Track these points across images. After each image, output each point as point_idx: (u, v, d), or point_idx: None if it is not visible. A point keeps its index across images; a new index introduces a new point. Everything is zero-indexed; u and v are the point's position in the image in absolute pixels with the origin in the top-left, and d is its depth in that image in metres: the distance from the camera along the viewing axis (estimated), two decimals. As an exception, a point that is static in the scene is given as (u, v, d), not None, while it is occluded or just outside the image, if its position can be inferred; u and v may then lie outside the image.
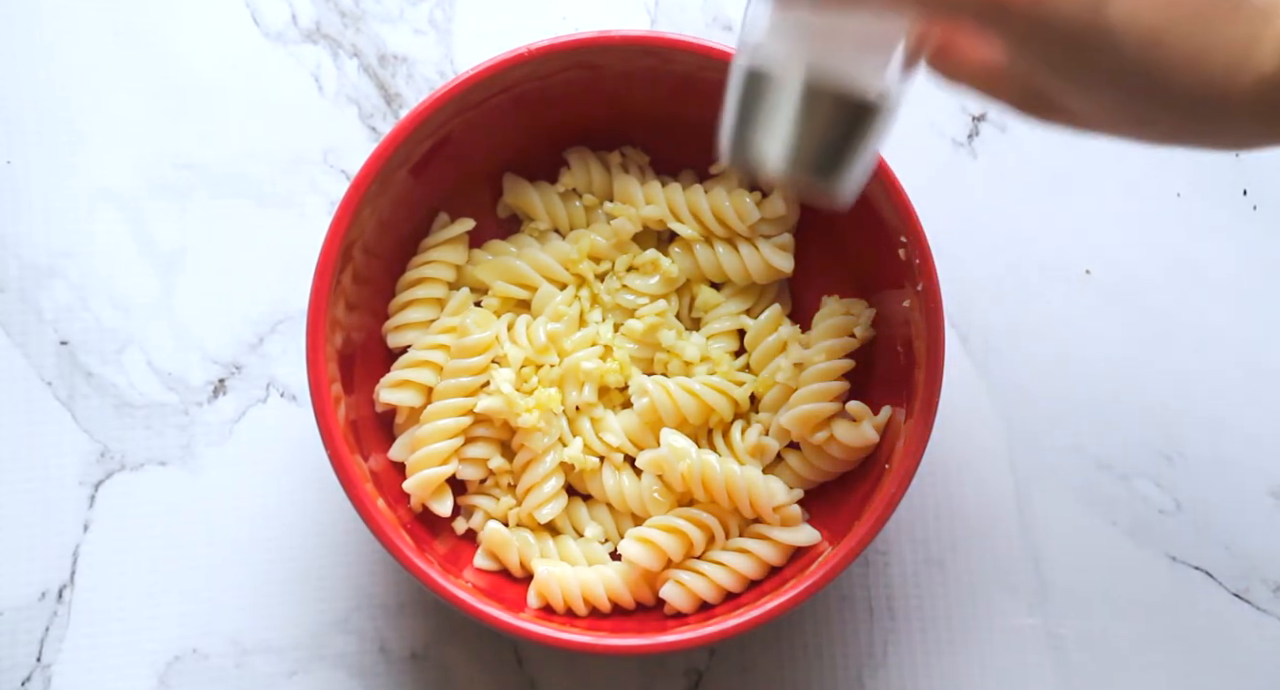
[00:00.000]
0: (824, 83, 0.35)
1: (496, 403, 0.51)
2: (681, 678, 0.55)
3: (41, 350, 0.57)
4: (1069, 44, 0.29)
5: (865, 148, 0.36)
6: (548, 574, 0.51)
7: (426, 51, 0.59)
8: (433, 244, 0.54)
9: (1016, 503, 0.56)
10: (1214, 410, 0.57)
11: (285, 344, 0.57)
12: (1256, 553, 0.56)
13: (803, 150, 0.36)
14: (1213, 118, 0.30)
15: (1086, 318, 0.57)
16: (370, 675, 0.55)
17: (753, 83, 0.36)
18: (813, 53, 0.35)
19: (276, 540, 0.56)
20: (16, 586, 0.55)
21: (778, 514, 0.51)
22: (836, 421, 0.51)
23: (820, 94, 0.35)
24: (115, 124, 0.58)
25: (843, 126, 0.36)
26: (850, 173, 0.37)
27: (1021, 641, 0.55)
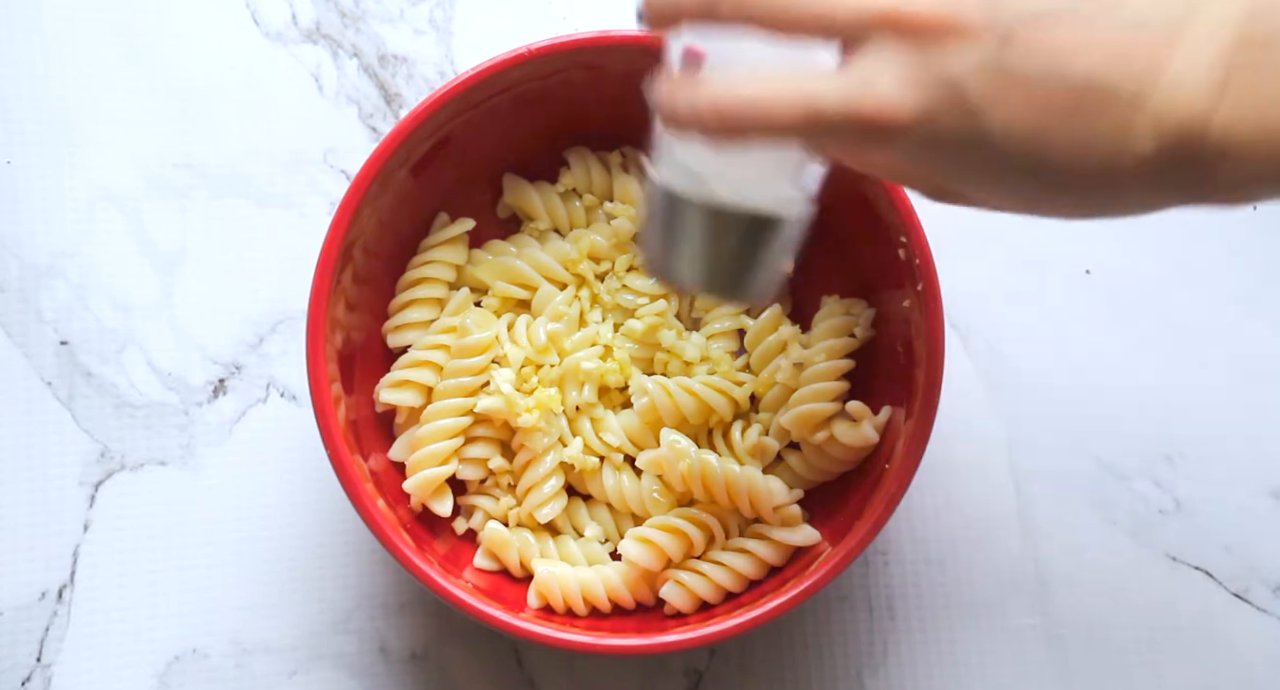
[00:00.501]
0: (728, 204, 0.35)
1: (496, 403, 0.51)
2: (681, 678, 0.55)
3: (41, 350, 0.57)
4: (954, 154, 0.30)
5: (774, 259, 0.37)
6: (548, 574, 0.51)
7: (426, 51, 0.59)
8: (433, 244, 0.54)
9: (1016, 503, 0.56)
10: (1214, 410, 0.57)
11: (285, 344, 0.57)
12: (1256, 553, 0.56)
13: (713, 269, 0.37)
14: (1105, 198, 0.31)
15: (1086, 318, 0.57)
16: (370, 675, 0.55)
17: (662, 203, 0.36)
18: (711, 179, 0.36)
19: (276, 540, 0.56)
20: (16, 586, 0.55)
21: (778, 514, 0.51)
22: (836, 421, 0.51)
23: (725, 215, 0.36)
24: (115, 124, 0.58)
25: (750, 244, 0.36)
26: (762, 283, 0.37)
27: (1021, 641, 0.55)
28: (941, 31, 0.30)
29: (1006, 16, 0.29)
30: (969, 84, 0.29)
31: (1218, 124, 0.28)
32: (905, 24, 0.30)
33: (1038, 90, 0.29)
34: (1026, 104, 0.29)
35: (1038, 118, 0.29)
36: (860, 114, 0.30)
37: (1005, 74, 0.29)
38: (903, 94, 0.30)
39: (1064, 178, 0.30)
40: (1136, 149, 0.29)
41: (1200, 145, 0.29)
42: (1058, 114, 0.29)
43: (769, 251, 0.37)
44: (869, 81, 0.30)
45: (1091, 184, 0.30)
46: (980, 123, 0.29)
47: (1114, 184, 0.30)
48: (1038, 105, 0.29)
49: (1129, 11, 0.29)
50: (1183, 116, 0.29)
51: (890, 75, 0.30)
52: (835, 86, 0.30)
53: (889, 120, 0.30)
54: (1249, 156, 0.29)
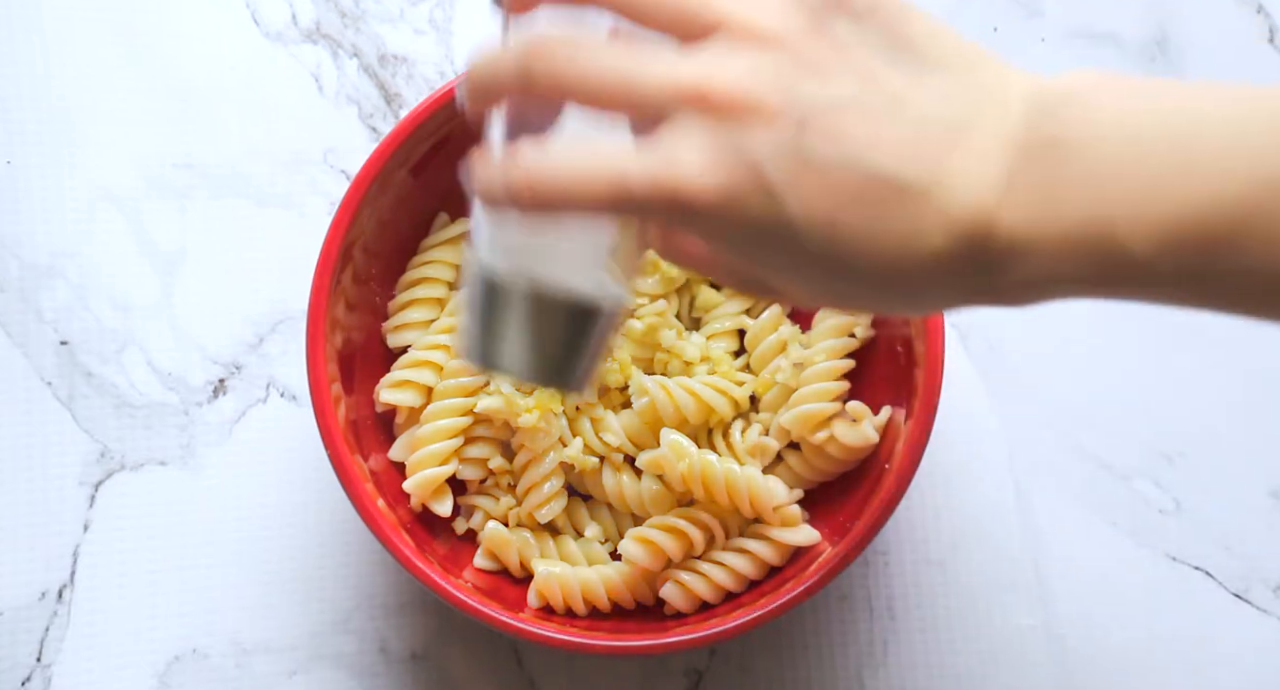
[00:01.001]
0: (544, 291, 0.35)
1: (496, 403, 0.51)
2: (681, 678, 0.55)
3: (41, 350, 0.57)
4: (756, 237, 0.31)
5: (595, 347, 0.37)
6: (548, 574, 0.51)
7: (426, 51, 0.59)
8: (433, 244, 0.54)
9: (1016, 503, 0.56)
10: (1214, 410, 0.57)
11: (285, 344, 0.57)
12: (1256, 553, 0.56)
13: (533, 358, 0.37)
14: (904, 292, 0.31)
15: (1086, 318, 0.57)
16: (370, 675, 0.55)
17: (480, 291, 0.36)
18: (531, 262, 0.36)
19: (276, 540, 0.56)
20: (16, 586, 0.55)
21: (777, 514, 0.51)
22: (836, 421, 0.51)
23: (543, 302, 0.36)
24: (115, 124, 0.58)
25: (569, 331, 0.36)
26: (583, 372, 0.37)
27: (1021, 641, 0.55)
28: (742, 111, 0.30)
29: (803, 102, 0.30)
30: (769, 166, 0.30)
31: (1003, 223, 0.29)
32: (709, 101, 0.30)
33: (831, 177, 0.29)
34: (821, 190, 0.29)
35: (832, 205, 0.30)
36: (666, 189, 0.30)
37: (802, 158, 0.29)
38: (705, 170, 0.30)
39: (859, 268, 0.30)
40: (927, 242, 0.30)
41: (986, 244, 0.29)
42: (850, 202, 0.29)
43: (588, 340, 0.37)
44: (674, 157, 0.30)
45: (885, 278, 0.30)
46: (779, 206, 0.30)
47: (906, 278, 0.30)
48: (832, 192, 0.29)
49: (913, 110, 0.30)
50: (969, 214, 0.29)
51: (694, 152, 0.30)
52: (643, 158, 0.30)
53: (694, 196, 0.30)
54: (1035, 255, 0.29)
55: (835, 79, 0.30)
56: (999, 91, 0.30)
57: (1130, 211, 0.28)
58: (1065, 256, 0.29)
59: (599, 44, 0.31)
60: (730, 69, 0.30)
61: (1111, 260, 0.29)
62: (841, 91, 0.30)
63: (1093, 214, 0.28)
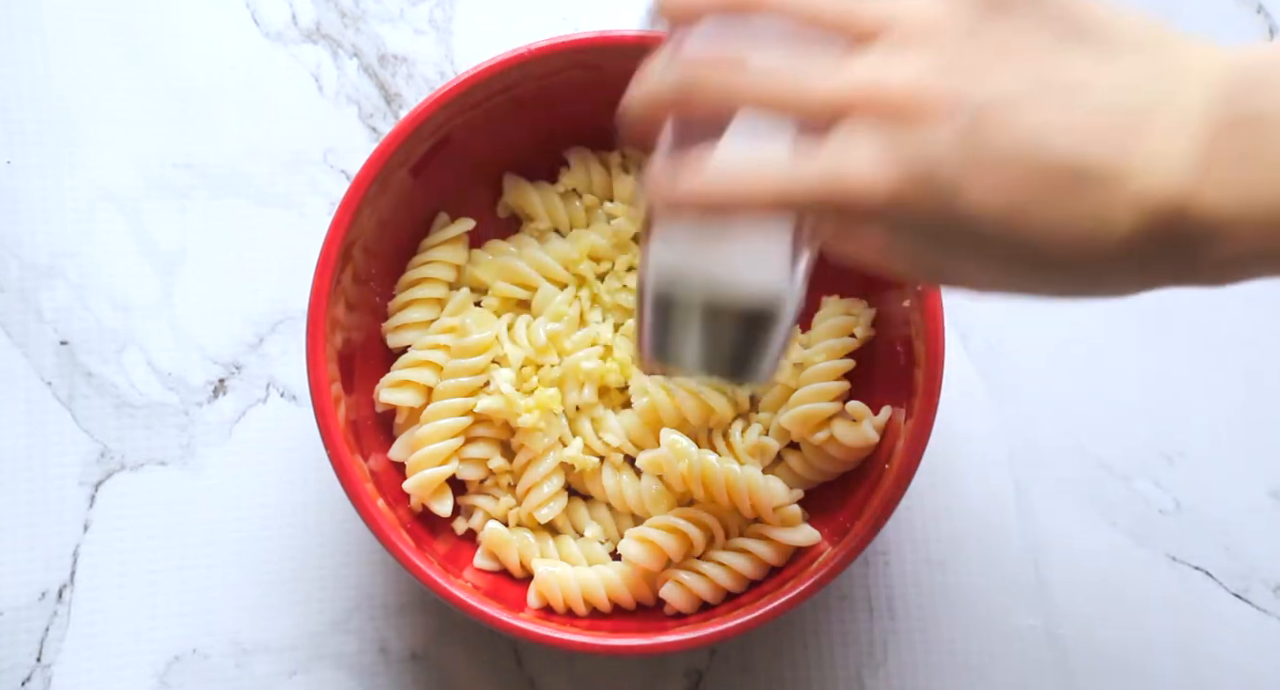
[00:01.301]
0: (721, 295, 0.36)
1: (496, 403, 0.51)
2: (681, 678, 0.55)
3: (41, 350, 0.57)
4: (932, 235, 0.31)
5: (772, 343, 0.38)
6: (548, 574, 0.51)
7: (426, 51, 0.59)
8: (433, 244, 0.54)
9: (1016, 503, 0.56)
10: (1214, 410, 0.57)
11: (285, 344, 0.57)
12: (1256, 553, 0.56)
13: (713, 359, 0.38)
14: (1091, 277, 0.31)
15: (1086, 318, 0.57)
16: (370, 675, 0.55)
17: (657, 300, 0.37)
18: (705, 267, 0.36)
19: (276, 540, 0.56)
20: (16, 586, 0.55)
21: (777, 514, 0.51)
22: (836, 421, 0.51)
23: (720, 306, 0.36)
24: (115, 124, 0.58)
25: (747, 332, 0.37)
26: (763, 367, 0.38)
27: (1021, 641, 0.55)
28: (914, 112, 0.30)
29: (975, 98, 0.29)
30: (943, 164, 0.29)
31: (1201, 203, 0.29)
32: (878, 105, 0.30)
33: (1011, 170, 0.29)
34: (1000, 184, 0.29)
35: (1014, 198, 0.29)
36: (836, 193, 0.30)
37: (979, 154, 0.29)
38: (877, 174, 0.30)
39: (1043, 258, 0.30)
40: (1115, 229, 0.29)
41: (1183, 225, 0.29)
42: (1032, 194, 0.29)
43: (765, 340, 0.37)
44: (845, 160, 0.30)
45: (1072, 264, 0.30)
46: (955, 203, 0.30)
47: (1095, 264, 0.30)
48: (1012, 186, 0.29)
49: (1094, 95, 0.29)
50: (1162, 197, 0.29)
51: (865, 156, 0.30)
52: (814, 164, 0.31)
53: (864, 201, 0.30)
54: (1236, 234, 0.29)
55: (1006, 73, 0.29)
56: (1190, 69, 0.30)
57: None
58: (1265, 238, 0.28)
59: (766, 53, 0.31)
60: (899, 71, 0.30)
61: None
62: (1014, 84, 0.29)
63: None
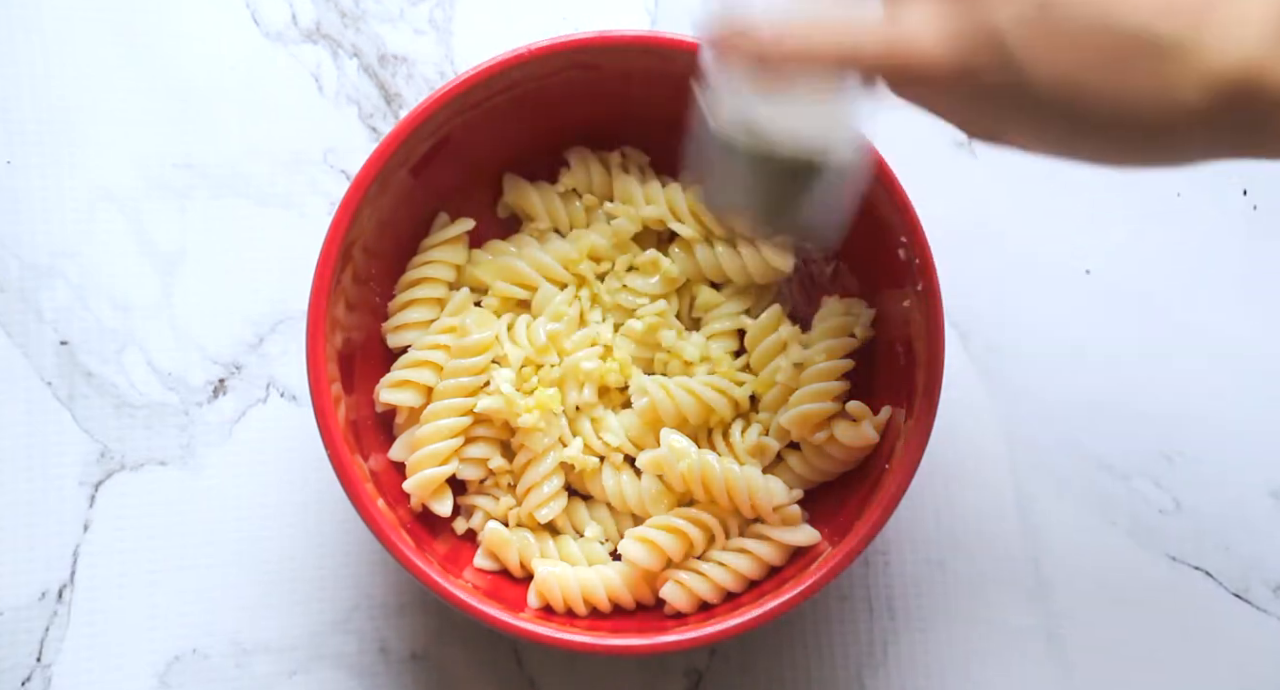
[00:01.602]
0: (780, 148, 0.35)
1: (496, 403, 0.51)
2: (681, 678, 0.55)
3: (41, 350, 0.57)
4: (995, 103, 0.31)
5: (830, 201, 0.37)
6: (548, 574, 0.51)
7: (426, 51, 0.59)
8: (433, 244, 0.54)
9: (1016, 503, 0.56)
10: (1214, 410, 0.57)
11: (285, 344, 0.57)
12: (1256, 553, 0.56)
13: (770, 211, 0.37)
14: (1152, 149, 0.31)
15: (1086, 318, 0.57)
16: (370, 675, 0.55)
17: (716, 148, 0.37)
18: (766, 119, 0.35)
19: (276, 540, 0.56)
20: (16, 586, 0.55)
21: (778, 514, 0.51)
22: (836, 421, 0.51)
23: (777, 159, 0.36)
24: (115, 124, 0.58)
25: (804, 186, 0.36)
26: (821, 225, 0.37)
27: (1021, 641, 0.55)
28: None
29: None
30: (1010, 35, 0.29)
31: (1273, 76, 0.28)
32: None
33: (1079, 42, 0.29)
34: (1068, 55, 0.29)
35: (1080, 69, 0.29)
36: (898, 62, 0.30)
37: (1046, 25, 0.29)
38: (942, 44, 0.30)
39: (1108, 129, 0.30)
40: (1183, 100, 0.29)
41: (1256, 95, 0.29)
42: (1100, 65, 0.29)
43: (823, 193, 0.36)
44: (909, 30, 0.30)
45: (1137, 135, 0.30)
46: (1021, 74, 0.29)
47: (1161, 135, 0.30)
48: (1079, 57, 0.29)
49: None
50: (1236, 67, 0.28)
51: (931, 25, 0.30)
52: (877, 33, 0.30)
53: (927, 70, 0.30)
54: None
55: None
56: None
57: None
58: None
59: None
60: None
61: None
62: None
63: None
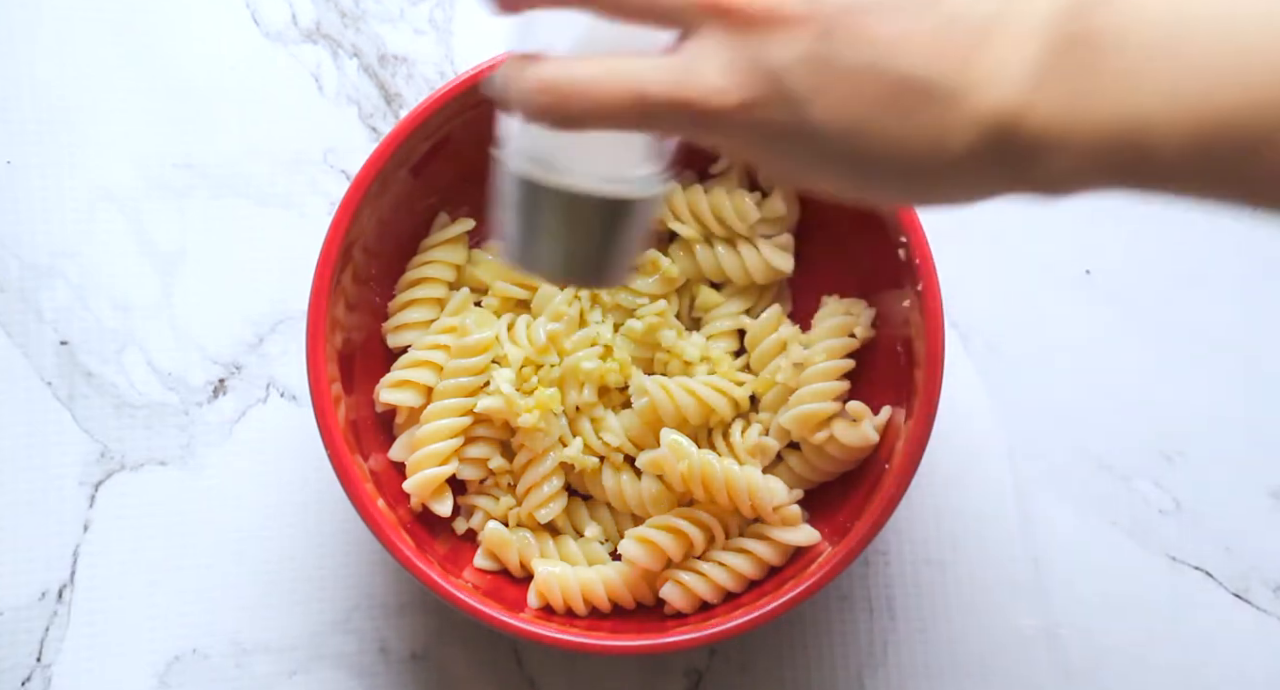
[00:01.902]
0: (579, 188, 0.35)
1: (496, 403, 0.51)
2: (681, 678, 0.55)
3: (41, 350, 0.57)
4: (781, 144, 0.31)
5: (632, 241, 0.36)
6: (548, 574, 0.51)
7: (426, 51, 0.59)
8: (433, 244, 0.54)
9: (1016, 503, 0.56)
10: (1214, 410, 0.57)
11: (285, 344, 0.57)
12: (1256, 553, 0.56)
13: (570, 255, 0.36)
14: (932, 186, 0.31)
15: (1086, 318, 0.57)
16: (370, 675, 0.55)
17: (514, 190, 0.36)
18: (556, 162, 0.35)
19: (276, 540, 0.56)
20: (16, 586, 0.55)
21: (777, 514, 0.51)
22: (836, 421, 0.51)
23: (571, 202, 0.35)
24: (115, 124, 0.58)
25: (606, 227, 0.36)
26: (619, 266, 0.37)
27: (1021, 641, 0.55)
28: (764, 21, 0.30)
29: (828, 9, 0.30)
30: (791, 74, 0.30)
31: (1033, 119, 0.29)
32: (729, 12, 0.30)
33: (857, 82, 0.29)
34: (846, 96, 0.29)
35: (858, 110, 0.30)
36: (684, 100, 0.30)
37: (826, 65, 0.29)
38: (725, 82, 0.30)
39: (886, 168, 0.30)
40: (954, 142, 0.30)
41: (1017, 138, 0.29)
42: (877, 106, 0.29)
43: (626, 235, 0.36)
44: (694, 68, 0.30)
45: (914, 174, 0.30)
46: (802, 113, 0.30)
47: (936, 174, 0.30)
48: (857, 97, 0.29)
49: (945, 7, 0.29)
50: (998, 110, 0.29)
51: (715, 63, 0.30)
52: (662, 71, 0.31)
53: (712, 107, 0.30)
54: (1065, 150, 0.29)
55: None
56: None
57: (1163, 110, 0.28)
58: (1095, 153, 0.29)
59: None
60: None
61: (1142, 157, 0.29)
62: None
63: (1125, 112, 0.28)
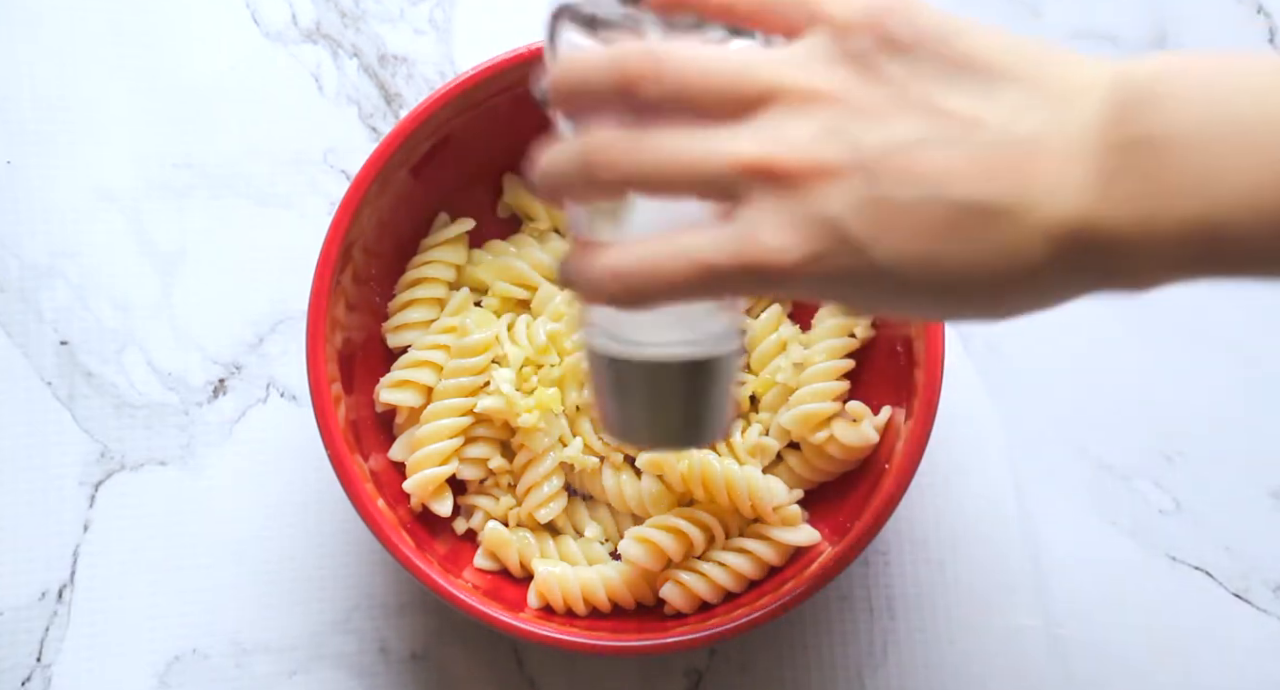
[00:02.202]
0: (661, 358, 0.36)
1: (496, 403, 0.51)
2: (681, 678, 0.55)
3: (41, 350, 0.57)
4: (853, 287, 0.31)
5: (723, 395, 0.37)
6: (548, 574, 0.51)
7: (426, 51, 0.59)
8: (433, 244, 0.54)
9: (1016, 503, 0.56)
10: (1214, 410, 0.57)
11: (285, 344, 0.57)
12: (1256, 553, 0.56)
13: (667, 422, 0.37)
14: (1014, 301, 0.31)
15: (1086, 318, 0.57)
16: (370, 675, 0.55)
17: (602, 368, 0.37)
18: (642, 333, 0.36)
19: (276, 540, 0.56)
20: (16, 586, 0.55)
21: (777, 514, 0.51)
22: (836, 421, 0.51)
23: (662, 368, 0.36)
24: (115, 124, 0.58)
25: (694, 389, 0.36)
26: (716, 421, 0.37)
27: (1021, 641, 0.55)
28: (810, 176, 0.30)
29: (869, 152, 0.30)
30: (849, 222, 0.30)
31: (1107, 223, 0.29)
32: (774, 174, 0.30)
33: (915, 217, 0.29)
34: (909, 232, 0.30)
35: (923, 243, 0.30)
36: (750, 265, 0.30)
37: (880, 207, 0.30)
38: (786, 240, 0.30)
39: (966, 290, 0.30)
40: (1029, 258, 0.30)
41: (1091, 244, 0.29)
42: (941, 236, 0.30)
43: (714, 393, 0.37)
44: (753, 232, 0.30)
45: (995, 289, 0.31)
46: (868, 256, 0.30)
47: (1016, 289, 0.31)
48: (919, 231, 0.30)
49: (982, 134, 0.30)
50: (1068, 221, 0.29)
51: (772, 223, 0.30)
52: (722, 241, 0.31)
53: (778, 266, 0.30)
54: (1142, 249, 0.29)
55: (897, 121, 0.30)
56: (1075, 90, 0.30)
57: (1239, 201, 0.28)
58: (1174, 249, 0.29)
59: (657, 132, 0.31)
60: (790, 137, 0.30)
61: (1223, 248, 0.28)
62: (906, 132, 0.30)
63: (1201, 208, 0.28)
